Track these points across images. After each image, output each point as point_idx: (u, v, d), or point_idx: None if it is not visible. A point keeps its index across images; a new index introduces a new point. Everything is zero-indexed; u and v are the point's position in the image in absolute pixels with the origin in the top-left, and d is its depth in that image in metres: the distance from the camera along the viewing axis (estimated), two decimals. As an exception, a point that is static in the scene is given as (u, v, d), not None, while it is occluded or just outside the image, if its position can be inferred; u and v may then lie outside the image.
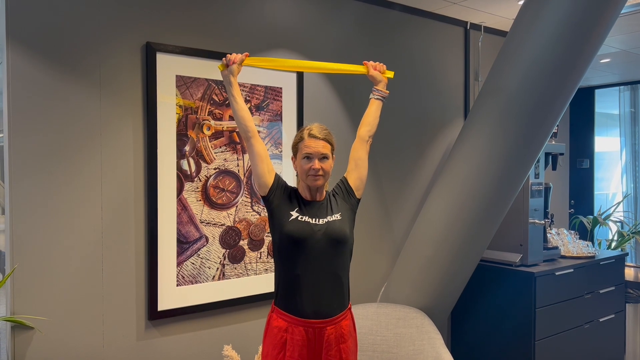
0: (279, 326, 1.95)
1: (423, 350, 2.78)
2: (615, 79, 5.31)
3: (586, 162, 5.33)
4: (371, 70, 2.19)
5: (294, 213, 1.95)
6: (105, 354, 2.31)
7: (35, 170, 2.13)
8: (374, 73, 2.18)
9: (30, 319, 2.11)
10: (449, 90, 3.68)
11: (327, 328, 1.94)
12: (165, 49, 2.42)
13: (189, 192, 2.52)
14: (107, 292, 2.31)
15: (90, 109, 2.26)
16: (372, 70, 2.19)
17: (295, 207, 1.97)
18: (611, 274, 3.79)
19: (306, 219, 1.95)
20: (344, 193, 2.07)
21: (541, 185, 3.44)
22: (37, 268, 2.14)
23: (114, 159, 2.32)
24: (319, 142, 1.96)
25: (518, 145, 2.74)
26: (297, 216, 1.95)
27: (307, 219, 1.95)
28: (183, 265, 2.50)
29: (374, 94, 2.17)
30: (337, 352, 1.96)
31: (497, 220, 2.98)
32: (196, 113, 2.52)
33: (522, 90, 2.65)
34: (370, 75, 2.19)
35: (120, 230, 2.34)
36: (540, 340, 3.21)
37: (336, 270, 1.97)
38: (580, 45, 2.54)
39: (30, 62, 2.12)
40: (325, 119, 2.99)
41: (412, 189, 3.50)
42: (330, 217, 1.98)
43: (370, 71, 2.19)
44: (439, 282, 3.02)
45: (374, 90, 2.18)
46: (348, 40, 3.12)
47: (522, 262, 3.34)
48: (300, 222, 1.94)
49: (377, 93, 2.17)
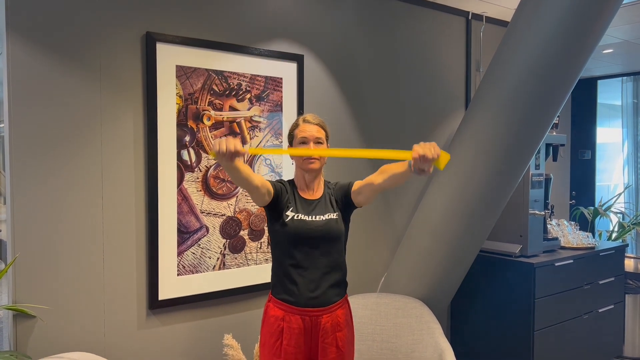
0: (276, 315, 1.98)
1: (422, 339, 2.80)
2: (617, 69, 5.28)
3: (588, 154, 5.31)
4: (417, 163, 1.63)
5: (289, 213, 1.98)
6: (106, 342, 2.33)
7: (36, 160, 2.14)
8: (421, 166, 1.64)
9: (32, 307, 2.12)
10: (450, 80, 3.67)
11: (323, 316, 1.97)
12: (165, 39, 2.42)
13: (189, 182, 2.52)
14: (108, 281, 2.33)
15: (90, 98, 2.26)
16: (419, 163, 1.63)
17: (291, 207, 2.00)
18: (611, 265, 3.80)
19: (301, 217, 1.98)
20: (342, 197, 2.06)
21: (541, 176, 3.44)
22: (38, 257, 2.15)
23: (114, 149, 2.33)
24: (313, 127, 2.01)
25: (519, 135, 2.74)
26: (293, 216, 1.98)
27: (302, 217, 1.98)
28: (184, 255, 2.52)
29: (414, 166, 1.68)
30: (334, 340, 1.98)
31: (497, 211, 2.98)
32: (196, 103, 2.52)
33: (523, 81, 2.64)
34: (417, 168, 1.66)
35: (121, 219, 2.35)
36: (539, 331, 3.22)
37: (332, 262, 2.00)
38: (582, 35, 2.52)
39: (30, 52, 2.12)
40: (326, 110, 2.99)
41: (412, 179, 3.50)
42: (329, 215, 2.01)
43: (415, 164, 1.64)
44: (438, 272, 3.04)
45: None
46: (348, 31, 3.11)
47: (521, 253, 3.34)
48: (296, 221, 1.97)
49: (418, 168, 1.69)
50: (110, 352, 2.33)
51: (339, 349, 1.99)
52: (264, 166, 2.75)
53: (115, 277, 2.35)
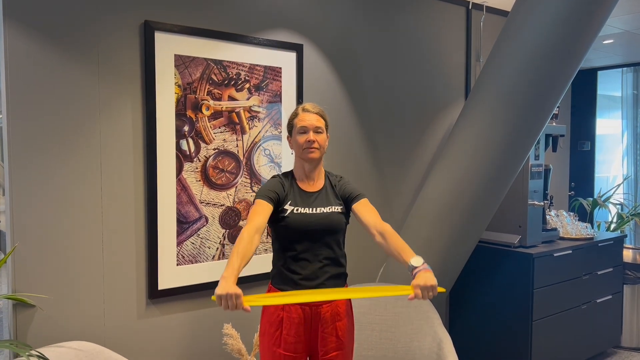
0: (276, 305, 1.98)
1: (421, 329, 2.81)
2: (618, 60, 5.26)
3: (587, 145, 5.31)
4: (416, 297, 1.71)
5: (288, 207, 1.97)
6: (106, 332, 2.33)
7: (34, 150, 2.13)
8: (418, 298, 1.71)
9: (32, 297, 2.13)
10: (450, 70, 3.66)
11: (323, 306, 1.97)
12: (164, 28, 2.40)
13: (188, 172, 2.52)
14: (108, 271, 2.33)
15: (88, 88, 2.25)
16: (417, 297, 1.71)
17: (290, 201, 1.98)
18: (609, 255, 3.81)
19: (301, 210, 1.97)
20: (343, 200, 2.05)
21: (541, 167, 3.44)
22: (37, 247, 2.15)
23: (113, 138, 2.32)
24: (312, 116, 1.99)
25: (518, 126, 2.74)
26: (292, 209, 1.97)
27: (302, 210, 1.97)
28: (183, 245, 2.52)
29: (412, 268, 1.77)
30: (333, 330, 1.99)
31: (496, 202, 2.99)
32: (195, 93, 2.51)
33: (523, 71, 2.63)
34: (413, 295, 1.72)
35: (120, 209, 2.35)
36: (537, 321, 3.24)
37: (332, 254, 2.00)
38: (583, 25, 2.51)
39: (28, 41, 2.11)
40: (325, 99, 2.98)
41: (412, 169, 3.50)
42: (332, 208, 2.00)
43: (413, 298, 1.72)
44: (437, 262, 3.04)
45: (415, 269, 1.77)
46: (348, 20, 3.09)
47: (520, 244, 3.35)
48: (295, 214, 1.96)
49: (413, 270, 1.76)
50: (110, 341, 2.34)
51: (339, 339, 2.00)
52: (263, 156, 2.75)
53: (115, 267, 2.35)
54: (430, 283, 1.69)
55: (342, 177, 2.11)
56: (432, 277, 1.71)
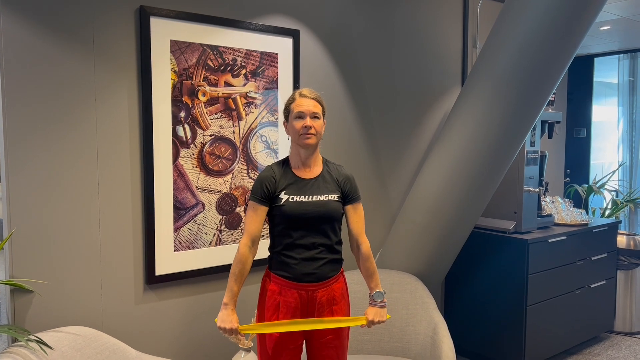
0: (273, 289, 2.00)
1: (416, 314, 2.84)
2: (614, 46, 5.26)
3: (583, 131, 5.32)
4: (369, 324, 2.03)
5: (283, 196, 1.98)
6: (104, 317, 2.35)
7: (30, 136, 2.13)
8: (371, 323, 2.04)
9: (30, 282, 2.14)
10: (447, 57, 3.65)
11: (319, 291, 1.99)
12: (160, 13, 2.39)
13: (184, 158, 2.52)
14: (105, 257, 2.34)
15: (84, 73, 2.24)
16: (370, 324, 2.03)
17: (284, 189, 1.98)
18: (603, 241, 3.84)
19: (297, 198, 1.97)
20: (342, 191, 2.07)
21: (536, 153, 3.45)
22: (34, 232, 2.16)
23: (109, 124, 2.32)
24: (309, 101, 1.99)
25: (514, 112, 2.74)
26: (287, 198, 1.97)
27: (297, 198, 1.97)
28: (180, 231, 2.53)
29: (372, 298, 2.06)
30: (330, 314, 2.01)
31: (492, 188, 3.00)
32: (191, 79, 2.51)
33: (519, 57, 2.63)
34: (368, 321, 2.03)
35: (116, 195, 2.35)
36: (531, 306, 3.27)
37: (328, 241, 2.01)
38: (579, 11, 2.51)
39: (22, 27, 2.09)
40: (322, 85, 2.98)
41: (408, 156, 3.51)
42: (329, 196, 2.00)
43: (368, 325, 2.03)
44: (433, 248, 3.06)
45: (374, 297, 2.05)
46: (345, 6, 3.07)
47: (515, 230, 3.37)
48: (291, 202, 1.97)
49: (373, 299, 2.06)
50: (108, 326, 2.36)
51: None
52: (259, 143, 2.75)
53: (113, 253, 2.36)
54: (381, 320, 2.02)
55: (341, 167, 2.10)
56: (384, 314, 2.03)
